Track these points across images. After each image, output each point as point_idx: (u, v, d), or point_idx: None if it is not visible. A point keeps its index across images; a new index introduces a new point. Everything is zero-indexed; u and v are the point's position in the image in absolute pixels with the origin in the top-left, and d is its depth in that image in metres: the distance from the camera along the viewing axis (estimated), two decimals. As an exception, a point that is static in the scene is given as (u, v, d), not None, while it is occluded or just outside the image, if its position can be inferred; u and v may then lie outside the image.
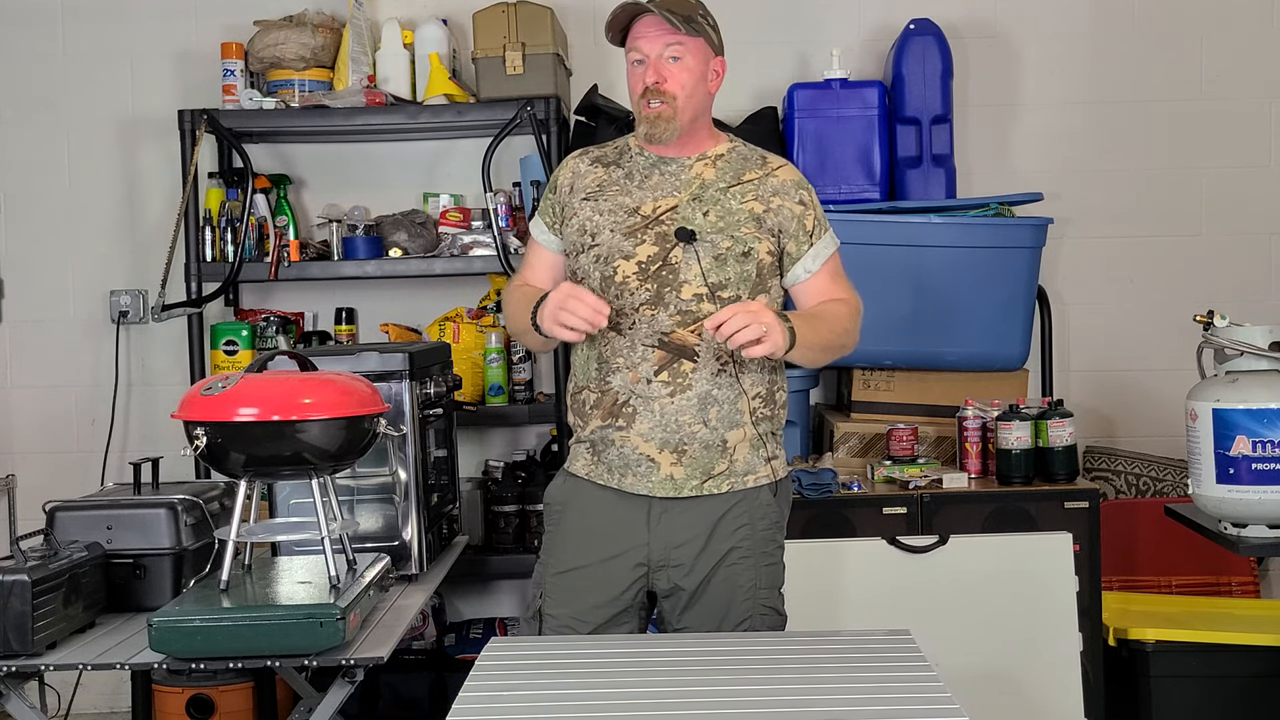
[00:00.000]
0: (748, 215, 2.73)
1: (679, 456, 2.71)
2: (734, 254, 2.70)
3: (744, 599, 2.73)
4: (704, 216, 2.72)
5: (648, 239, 2.72)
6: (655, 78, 2.72)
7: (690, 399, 2.69)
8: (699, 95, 2.75)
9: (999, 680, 3.51)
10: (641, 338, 2.69)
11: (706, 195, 2.74)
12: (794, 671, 2.23)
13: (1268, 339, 3.20)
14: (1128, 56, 4.51)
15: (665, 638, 2.68)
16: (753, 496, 2.75)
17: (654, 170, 2.78)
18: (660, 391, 2.69)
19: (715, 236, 2.70)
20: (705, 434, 2.70)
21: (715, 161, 2.78)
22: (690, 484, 2.72)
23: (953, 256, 3.95)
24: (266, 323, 4.36)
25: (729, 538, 2.73)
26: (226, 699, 3.89)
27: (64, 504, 2.93)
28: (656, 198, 2.75)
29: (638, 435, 2.71)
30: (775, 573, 2.79)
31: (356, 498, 3.14)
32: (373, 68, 4.28)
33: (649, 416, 2.70)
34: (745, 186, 2.76)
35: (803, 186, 2.82)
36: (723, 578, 2.73)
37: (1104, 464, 4.35)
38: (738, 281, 2.70)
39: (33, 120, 4.56)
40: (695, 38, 2.72)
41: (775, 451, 2.80)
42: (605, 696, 2.11)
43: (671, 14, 2.69)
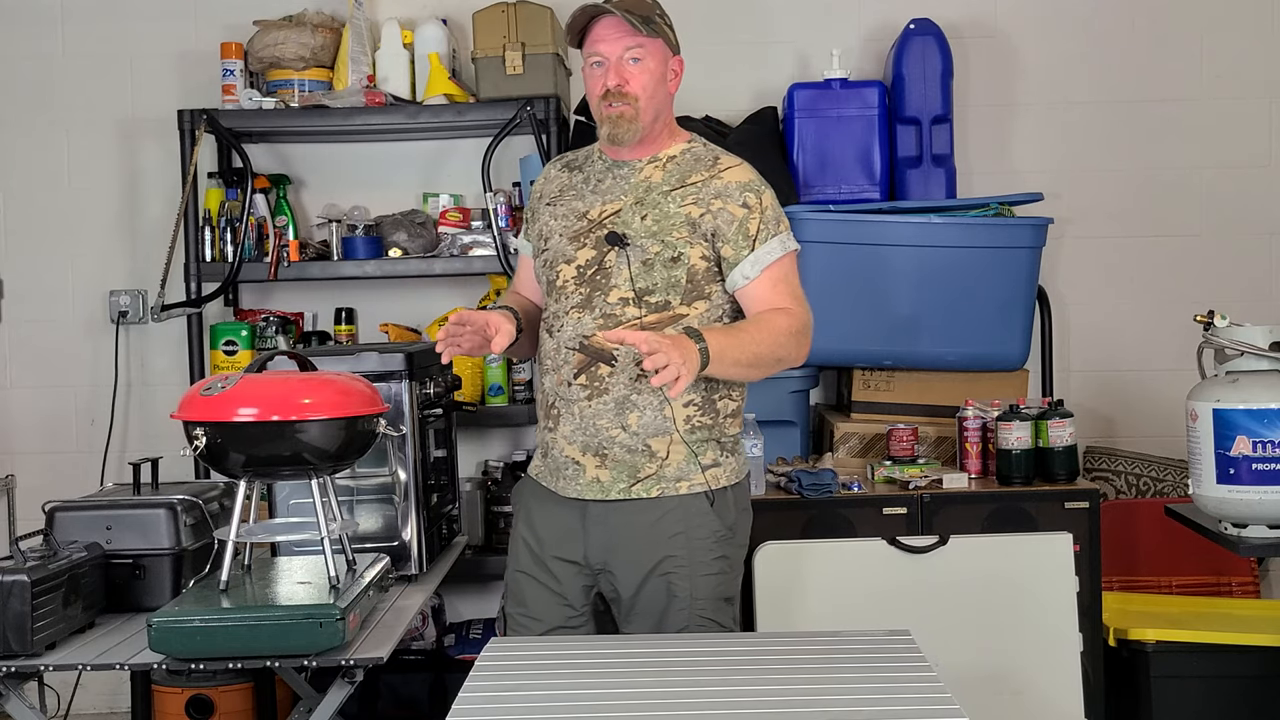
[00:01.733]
0: (683, 219, 2.70)
1: (601, 460, 2.71)
2: (662, 259, 2.68)
3: (679, 609, 2.71)
4: (641, 220, 2.71)
5: (588, 243, 2.74)
6: (616, 80, 2.72)
7: (607, 403, 2.69)
8: (659, 96, 2.75)
9: (999, 680, 3.50)
10: (565, 340, 2.72)
11: (649, 199, 2.73)
12: (794, 671, 2.23)
13: (1268, 339, 3.20)
14: (1128, 56, 4.51)
15: (665, 638, 2.68)
16: (688, 505, 2.71)
17: (608, 174, 2.80)
18: (579, 394, 2.71)
19: (646, 241, 2.69)
20: (625, 438, 2.69)
21: (665, 164, 2.77)
22: (618, 487, 2.72)
23: (953, 256, 3.95)
24: (266, 323, 4.36)
25: (663, 545, 2.71)
26: (226, 699, 3.89)
27: (63, 504, 2.93)
28: (605, 201, 2.76)
29: (563, 438, 2.74)
30: (717, 584, 2.73)
31: (356, 498, 3.14)
32: (372, 68, 4.28)
33: (571, 419, 2.72)
34: (687, 190, 2.73)
35: (750, 189, 2.74)
36: (656, 586, 2.71)
37: (1104, 464, 4.35)
38: (665, 287, 2.68)
39: (33, 120, 4.56)
40: (654, 39, 2.73)
41: (718, 460, 2.75)
42: (605, 696, 2.11)
43: (631, 15, 2.69)
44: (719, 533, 2.73)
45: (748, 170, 2.78)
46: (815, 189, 4.19)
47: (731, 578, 2.78)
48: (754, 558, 3.58)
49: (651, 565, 2.71)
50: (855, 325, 3.97)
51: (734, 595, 2.79)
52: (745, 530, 2.84)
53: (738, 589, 2.82)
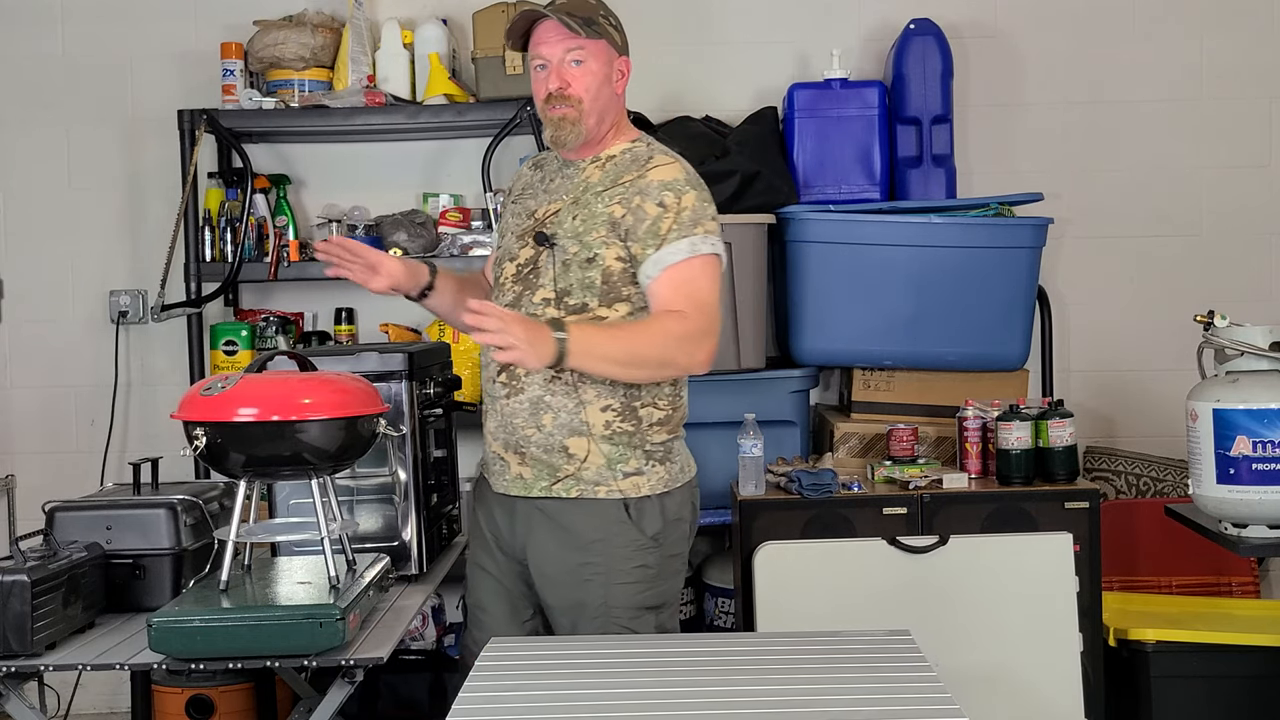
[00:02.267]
0: (605, 220, 2.70)
1: (521, 457, 2.75)
2: (578, 260, 2.70)
3: (593, 616, 2.71)
4: (571, 220, 2.73)
5: (529, 242, 2.77)
6: (558, 83, 2.73)
7: (523, 402, 2.72)
8: (604, 97, 2.75)
9: (999, 680, 3.50)
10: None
11: (584, 199, 2.75)
12: (794, 671, 2.23)
13: (1268, 339, 3.20)
14: (1128, 56, 4.51)
15: (664, 638, 2.68)
16: (606, 510, 2.71)
17: (559, 174, 2.83)
18: (500, 392, 2.76)
19: (567, 242, 2.71)
20: (540, 438, 2.72)
21: (605, 164, 2.78)
22: (539, 485, 2.75)
23: (953, 256, 3.95)
24: (266, 323, 4.36)
25: (580, 550, 2.72)
26: (226, 699, 3.89)
27: (63, 504, 2.92)
28: (551, 201, 2.79)
29: (490, 434, 2.81)
30: (635, 593, 2.73)
31: (356, 498, 3.13)
32: (372, 68, 4.28)
33: (494, 416, 2.79)
34: (617, 190, 2.73)
35: (670, 188, 2.69)
36: (573, 589, 2.73)
37: (1104, 464, 4.35)
38: (581, 289, 2.69)
39: (33, 120, 4.56)
40: (597, 40, 2.73)
41: (641, 468, 2.73)
42: (605, 696, 2.11)
43: (571, 18, 2.69)
44: (638, 541, 2.73)
45: (676, 169, 2.73)
46: (815, 189, 4.19)
47: (655, 587, 2.76)
48: (754, 558, 3.58)
49: (569, 568, 2.73)
50: (855, 325, 3.98)
51: (661, 604, 2.78)
52: (678, 539, 2.81)
53: (667, 598, 2.80)
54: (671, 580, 2.82)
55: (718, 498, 4.01)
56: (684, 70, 4.50)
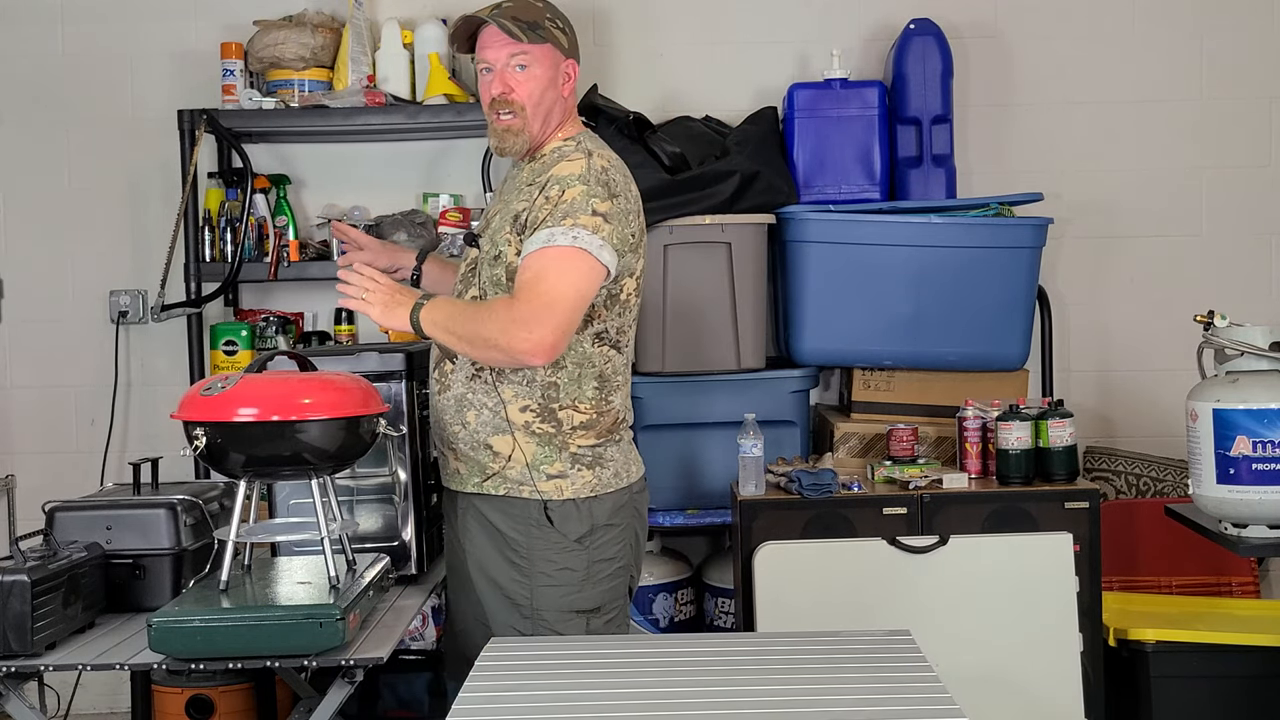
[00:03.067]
0: (511, 216, 2.73)
1: (454, 453, 2.82)
2: (488, 259, 2.74)
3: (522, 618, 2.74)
4: (496, 220, 2.78)
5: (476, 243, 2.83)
6: (501, 88, 2.73)
7: (449, 399, 2.79)
8: (548, 101, 2.76)
9: (999, 680, 3.50)
10: None
11: (509, 198, 2.78)
12: (794, 671, 2.23)
13: (1268, 339, 3.20)
14: (1128, 56, 4.51)
15: (664, 638, 2.68)
16: (526, 512, 2.74)
17: (513, 174, 2.87)
18: (434, 389, 2.85)
19: (484, 241, 2.77)
20: (465, 435, 2.77)
21: (535, 163, 2.80)
22: (471, 480, 2.80)
23: (953, 256, 3.95)
24: (266, 323, 4.36)
25: (506, 549, 2.76)
26: (226, 699, 3.89)
27: (63, 504, 2.92)
28: (498, 201, 2.85)
29: (432, 430, 2.89)
30: (560, 595, 2.73)
31: (356, 498, 3.13)
32: (372, 68, 4.28)
33: (432, 412, 2.87)
34: (533, 188, 2.73)
35: (559, 181, 2.67)
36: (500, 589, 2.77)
37: (1104, 464, 4.35)
38: (491, 286, 2.72)
39: (33, 120, 4.56)
40: (541, 44, 2.73)
41: (566, 471, 2.73)
42: (605, 696, 2.11)
43: (516, 22, 2.69)
44: (560, 544, 2.74)
45: (577, 165, 2.69)
46: (815, 189, 4.19)
47: (584, 591, 2.75)
48: (754, 558, 3.58)
49: (496, 567, 2.77)
50: (855, 325, 3.98)
51: (592, 608, 2.77)
52: (608, 542, 2.78)
53: (599, 602, 2.78)
54: (605, 584, 2.79)
55: (718, 498, 4.01)
56: (684, 70, 4.50)
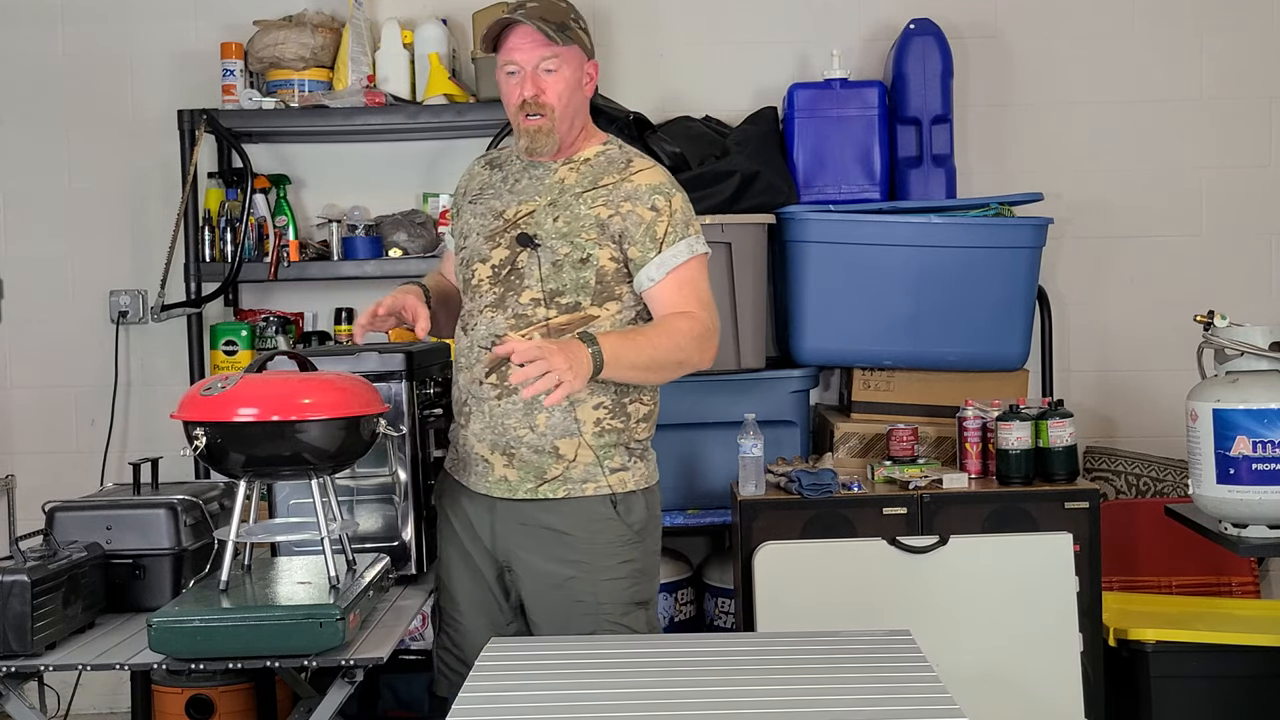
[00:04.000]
0: (592, 221, 2.72)
1: (509, 459, 2.75)
2: (571, 260, 2.70)
3: (585, 613, 2.73)
4: (553, 222, 2.73)
5: (502, 243, 2.77)
6: (533, 90, 2.73)
7: (515, 403, 2.72)
8: (574, 103, 2.76)
9: (999, 680, 3.50)
10: (479, 339, 2.75)
11: (561, 200, 2.75)
12: (794, 671, 2.23)
13: (1268, 339, 3.20)
14: (1128, 56, 4.51)
15: (664, 638, 2.68)
16: (592, 508, 2.73)
17: (525, 174, 2.82)
18: (489, 393, 2.75)
19: (556, 242, 2.71)
20: (532, 439, 2.72)
21: (580, 166, 2.79)
22: (524, 487, 2.75)
23: (953, 256, 3.95)
24: (266, 323, 4.36)
25: (566, 548, 2.73)
26: (226, 699, 3.89)
27: (63, 504, 2.92)
28: (520, 202, 2.79)
29: (473, 435, 2.79)
30: (624, 589, 2.75)
31: (356, 498, 3.13)
32: (372, 68, 4.28)
33: (481, 417, 2.77)
34: (599, 192, 2.74)
35: (660, 191, 2.74)
36: (561, 589, 2.74)
37: (1104, 464, 4.35)
38: (575, 288, 2.70)
39: (33, 120, 4.56)
40: (569, 46, 2.73)
41: (626, 464, 2.76)
42: (605, 696, 2.11)
43: (545, 24, 2.70)
44: (625, 537, 2.75)
45: (659, 173, 2.79)
46: (815, 189, 4.19)
47: (642, 583, 2.78)
48: (754, 558, 3.58)
49: (556, 568, 2.74)
50: (855, 325, 3.97)
51: (647, 600, 2.80)
52: (656, 536, 2.84)
53: (651, 594, 2.82)
54: (655, 578, 2.84)
55: (718, 498, 4.01)
56: (684, 70, 4.50)
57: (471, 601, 2.87)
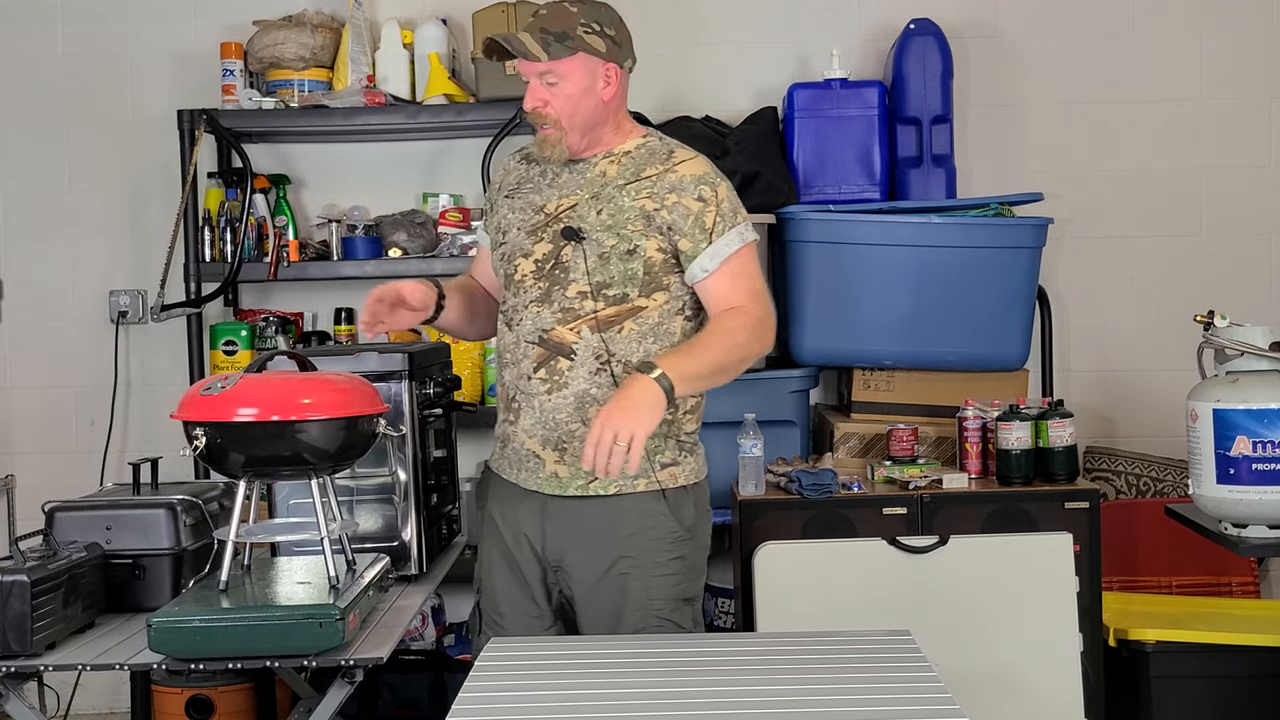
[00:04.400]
0: (638, 213, 2.70)
1: (561, 454, 2.72)
2: (618, 252, 2.69)
3: (635, 609, 2.71)
4: (596, 215, 2.72)
5: (545, 237, 2.75)
6: (534, 102, 2.73)
7: (566, 397, 2.70)
8: (585, 110, 2.73)
9: (999, 680, 3.50)
10: (525, 334, 2.73)
11: (604, 194, 2.74)
12: (794, 671, 2.23)
13: (1268, 339, 3.20)
14: (1128, 56, 4.51)
15: (665, 638, 2.68)
16: (643, 503, 2.71)
17: (565, 168, 2.80)
18: (539, 388, 2.72)
19: (602, 235, 2.70)
20: (584, 433, 2.67)
21: (620, 158, 2.77)
22: (575, 483, 2.72)
23: (953, 256, 3.95)
24: (266, 323, 4.36)
25: (617, 544, 2.71)
26: (226, 699, 3.89)
27: (63, 504, 2.93)
28: (561, 196, 2.77)
29: (523, 431, 2.75)
30: (673, 585, 2.73)
31: (356, 498, 3.13)
32: (372, 68, 4.28)
33: (531, 413, 2.73)
34: (642, 183, 2.73)
35: (705, 181, 2.73)
36: (611, 585, 2.72)
37: (1104, 464, 4.35)
38: (622, 280, 2.69)
39: (33, 120, 4.56)
40: (569, 56, 2.70)
41: (676, 458, 2.75)
42: (605, 697, 2.11)
43: (542, 35, 2.69)
44: (675, 533, 2.74)
45: (703, 163, 2.77)
46: (815, 189, 4.19)
47: (691, 579, 2.77)
48: (754, 558, 3.58)
49: (606, 565, 2.72)
50: (855, 325, 3.97)
51: (694, 596, 2.79)
52: (706, 532, 2.83)
53: (699, 590, 2.81)
54: (703, 574, 2.83)
55: (718, 498, 3.97)
56: (684, 70, 4.50)
57: (513, 604, 2.82)
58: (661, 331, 2.72)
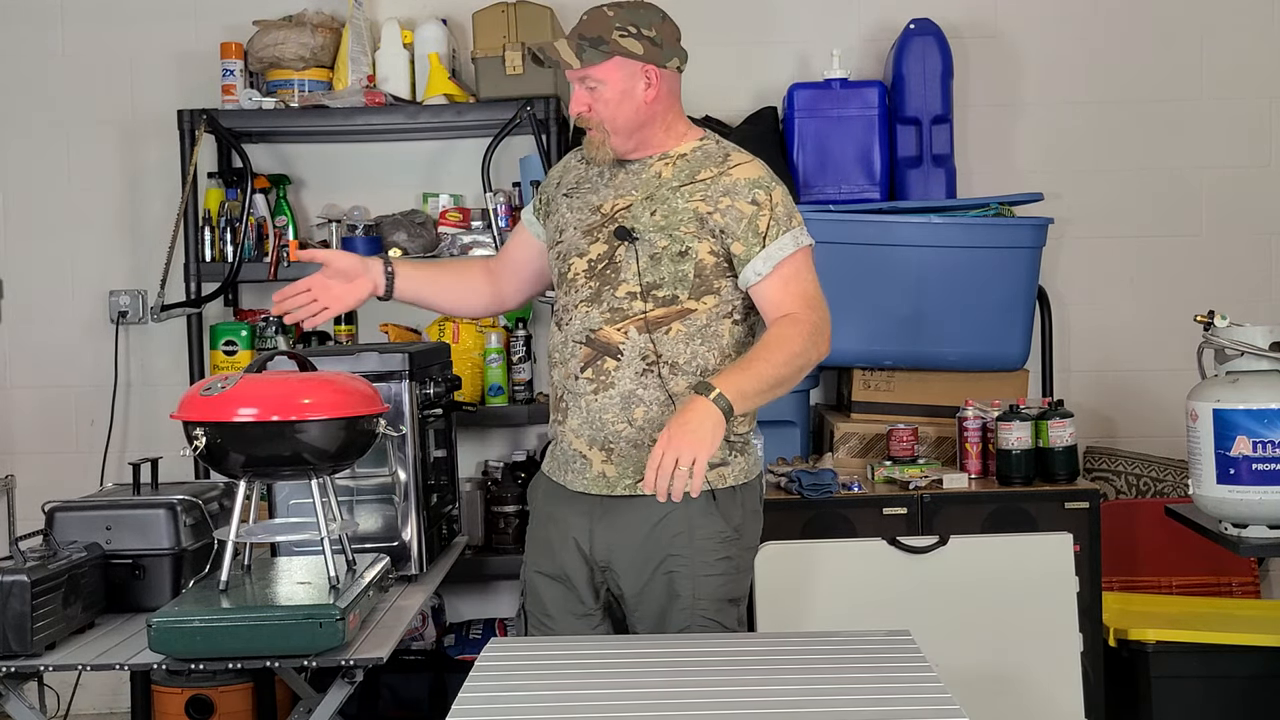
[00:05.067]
0: (690, 215, 2.70)
1: (608, 454, 2.71)
2: (670, 254, 2.68)
3: (681, 609, 2.70)
4: (650, 215, 2.71)
5: (600, 237, 2.75)
6: (579, 107, 2.74)
7: (613, 397, 2.69)
8: (626, 113, 2.73)
9: (999, 680, 3.50)
10: (573, 333, 2.72)
11: (659, 195, 2.73)
12: (794, 671, 2.23)
13: (1268, 339, 3.20)
14: (1128, 56, 4.51)
15: (665, 638, 2.68)
16: (690, 503, 2.66)
17: (620, 169, 2.80)
18: (586, 388, 2.71)
19: (654, 236, 2.69)
20: (631, 433, 2.68)
21: (676, 160, 2.77)
22: (623, 483, 2.71)
23: (953, 256, 3.95)
24: (266, 323, 4.35)
25: (666, 544, 2.70)
26: (226, 699, 3.89)
27: (63, 504, 2.93)
28: (617, 196, 2.77)
29: (571, 431, 2.74)
30: (720, 585, 2.72)
31: (356, 498, 3.13)
32: (372, 68, 4.28)
33: (578, 413, 2.73)
34: (696, 186, 2.73)
35: (759, 185, 2.73)
36: (659, 585, 2.71)
37: (1104, 464, 4.35)
38: (673, 282, 2.69)
39: (33, 120, 4.56)
40: (606, 60, 2.70)
41: (725, 458, 2.73)
42: (605, 697, 2.11)
43: (579, 40, 2.69)
44: (723, 533, 2.72)
45: (758, 167, 2.77)
46: (815, 189, 4.19)
47: (737, 579, 2.76)
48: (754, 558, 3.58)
49: (654, 564, 2.70)
50: (855, 325, 3.96)
51: (740, 597, 2.78)
52: (755, 532, 2.82)
53: (744, 591, 2.80)
54: (749, 574, 2.82)
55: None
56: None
57: (559, 604, 2.79)
58: (709, 334, 2.71)
